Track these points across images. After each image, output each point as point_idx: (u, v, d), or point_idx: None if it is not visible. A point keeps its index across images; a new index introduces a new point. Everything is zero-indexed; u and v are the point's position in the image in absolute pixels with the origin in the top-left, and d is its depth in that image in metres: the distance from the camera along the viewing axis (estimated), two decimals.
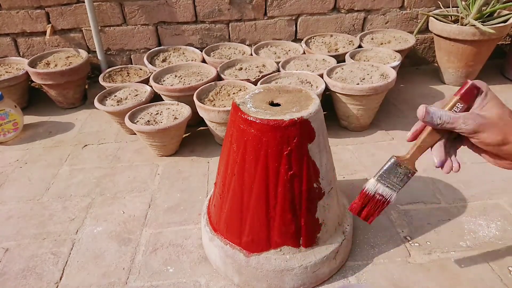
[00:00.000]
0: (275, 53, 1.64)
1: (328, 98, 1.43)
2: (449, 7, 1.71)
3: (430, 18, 1.66)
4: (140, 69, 1.63)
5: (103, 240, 0.99)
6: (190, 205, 1.09)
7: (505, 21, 1.55)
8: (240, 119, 0.73)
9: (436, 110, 0.56)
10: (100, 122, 1.56)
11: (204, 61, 1.60)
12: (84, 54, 1.67)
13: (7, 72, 1.62)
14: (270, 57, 1.61)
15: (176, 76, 1.47)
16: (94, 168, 1.28)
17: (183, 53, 1.68)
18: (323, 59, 1.53)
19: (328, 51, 1.61)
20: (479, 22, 1.52)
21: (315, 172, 0.76)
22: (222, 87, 1.37)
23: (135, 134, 1.36)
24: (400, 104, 1.57)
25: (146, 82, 1.49)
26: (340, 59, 1.53)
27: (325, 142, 0.79)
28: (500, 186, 1.09)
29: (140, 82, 1.49)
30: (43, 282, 0.88)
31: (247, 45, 1.74)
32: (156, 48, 1.69)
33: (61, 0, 1.63)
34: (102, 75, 1.58)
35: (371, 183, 0.62)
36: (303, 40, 1.67)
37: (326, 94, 1.38)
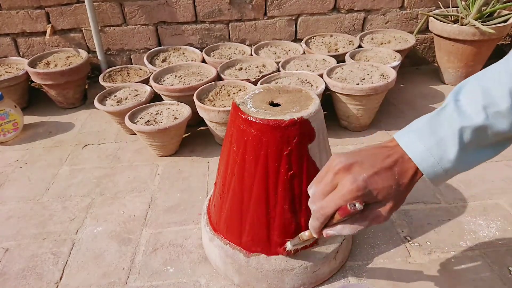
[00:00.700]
0: (275, 53, 1.64)
1: (328, 98, 1.43)
2: (449, 7, 1.71)
3: (430, 18, 1.66)
4: (140, 69, 1.63)
5: (103, 240, 0.99)
6: (190, 205, 1.09)
7: (505, 21, 1.55)
8: (240, 119, 0.73)
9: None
10: (100, 122, 1.56)
11: (204, 61, 1.60)
12: (84, 54, 1.67)
13: (7, 72, 1.62)
14: (270, 57, 1.61)
15: (176, 76, 1.47)
16: (94, 168, 1.28)
17: (183, 53, 1.68)
18: (323, 59, 1.53)
19: (328, 51, 1.61)
20: (479, 22, 1.52)
21: (315, 172, 0.75)
22: (222, 87, 1.37)
23: (135, 134, 1.36)
24: (400, 104, 1.57)
25: (146, 82, 1.49)
26: (340, 59, 1.53)
27: (325, 142, 0.79)
28: (500, 186, 1.09)
29: (140, 82, 1.49)
30: (43, 282, 0.88)
31: (247, 45, 1.74)
32: (156, 48, 1.69)
33: (61, 0, 1.63)
34: (102, 75, 1.58)
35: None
36: (303, 40, 1.67)
37: (326, 94, 1.38)
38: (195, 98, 1.28)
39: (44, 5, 1.64)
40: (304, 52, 1.62)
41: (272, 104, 0.77)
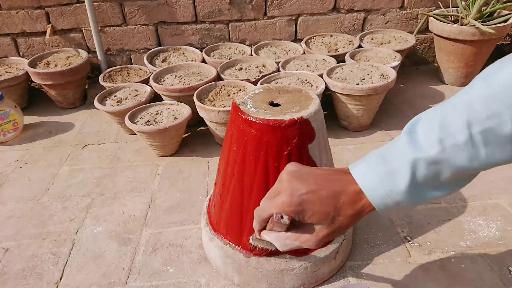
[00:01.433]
0: (275, 53, 1.65)
1: (328, 98, 1.43)
2: (449, 7, 1.71)
3: (430, 18, 1.66)
4: (140, 69, 1.63)
5: (103, 240, 0.99)
6: (190, 205, 1.09)
7: (505, 21, 1.55)
8: (240, 119, 0.73)
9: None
10: (100, 122, 1.56)
11: (204, 61, 1.60)
12: (84, 54, 1.67)
13: (7, 72, 1.62)
14: (270, 57, 1.61)
15: (176, 76, 1.47)
16: (94, 168, 1.28)
17: (183, 53, 1.68)
18: (323, 59, 1.53)
19: (328, 51, 1.61)
20: (479, 22, 1.52)
21: None
22: (222, 87, 1.37)
23: (135, 134, 1.36)
24: (400, 104, 1.58)
25: (146, 82, 1.49)
26: (340, 59, 1.53)
27: (325, 142, 0.79)
28: (500, 186, 1.09)
29: (140, 82, 1.49)
30: (43, 282, 0.88)
31: (247, 45, 1.74)
32: (156, 48, 1.69)
33: (61, 0, 1.63)
34: (102, 75, 1.58)
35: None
36: (303, 40, 1.67)
37: (326, 94, 1.39)
38: (195, 98, 1.28)
39: (44, 5, 1.64)
40: (304, 52, 1.62)
41: (272, 104, 0.77)
